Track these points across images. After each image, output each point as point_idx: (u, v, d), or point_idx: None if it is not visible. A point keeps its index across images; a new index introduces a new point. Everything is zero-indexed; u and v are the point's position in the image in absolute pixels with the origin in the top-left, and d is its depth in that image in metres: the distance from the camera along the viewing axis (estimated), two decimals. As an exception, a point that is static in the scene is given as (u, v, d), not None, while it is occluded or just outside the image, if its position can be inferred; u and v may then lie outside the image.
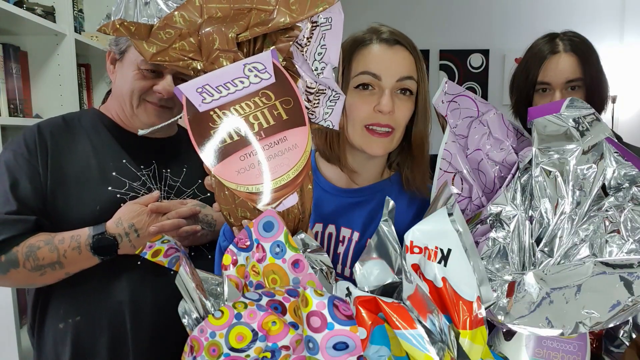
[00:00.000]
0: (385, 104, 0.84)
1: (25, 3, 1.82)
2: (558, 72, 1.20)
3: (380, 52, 0.87)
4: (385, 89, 0.86)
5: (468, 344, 0.63)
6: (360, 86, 0.87)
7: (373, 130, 0.87)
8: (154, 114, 1.11)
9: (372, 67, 0.86)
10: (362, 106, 0.86)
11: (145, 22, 0.67)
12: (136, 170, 1.13)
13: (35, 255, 1.00)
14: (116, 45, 1.12)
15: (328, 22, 0.71)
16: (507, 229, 0.74)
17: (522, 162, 0.79)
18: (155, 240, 0.72)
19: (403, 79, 0.87)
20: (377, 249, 0.73)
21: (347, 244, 0.94)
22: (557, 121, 0.75)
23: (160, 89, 1.09)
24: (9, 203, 1.03)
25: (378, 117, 0.86)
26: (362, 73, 0.86)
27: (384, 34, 0.88)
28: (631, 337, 0.84)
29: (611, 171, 0.71)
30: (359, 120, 0.87)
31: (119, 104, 1.15)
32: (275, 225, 0.70)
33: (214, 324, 0.61)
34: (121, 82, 1.12)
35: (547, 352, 0.73)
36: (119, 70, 1.13)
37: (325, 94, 0.74)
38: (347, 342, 0.61)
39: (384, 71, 0.86)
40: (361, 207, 0.96)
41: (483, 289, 0.68)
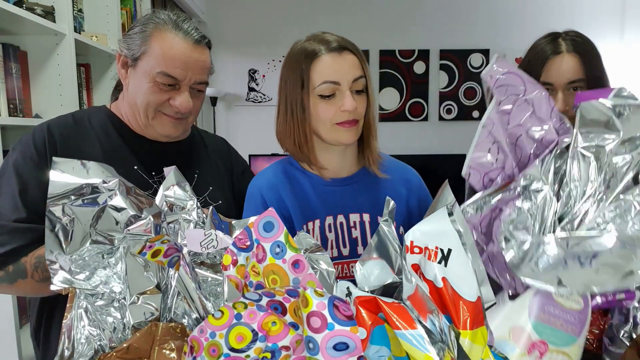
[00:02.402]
0: (349, 105, 0.99)
1: (25, 3, 1.82)
2: (561, 72, 1.20)
3: (333, 61, 0.99)
4: (345, 92, 0.99)
5: (468, 344, 0.63)
6: (324, 96, 1.00)
7: (342, 124, 1.01)
8: (170, 126, 1.09)
9: (330, 76, 0.99)
10: (329, 109, 1.00)
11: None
12: (148, 177, 1.11)
13: (44, 266, 0.97)
14: (128, 50, 1.08)
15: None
16: (533, 201, 0.74)
17: (561, 144, 0.79)
18: (156, 240, 0.72)
19: (357, 79, 1.00)
20: (377, 249, 0.73)
21: (361, 227, 1.04)
22: (601, 108, 0.76)
23: (177, 105, 1.06)
24: (17, 210, 0.99)
25: (344, 115, 1.00)
26: (323, 83, 0.99)
27: (332, 44, 1.00)
28: (631, 337, 0.84)
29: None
30: (328, 121, 1.00)
31: (132, 110, 1.11)
32: (276, 225, 0.70)
33: (214, 324, 0.61)
34: (135, 91, 1.08)
35: (548, 317, 0.75)
36: (132, 76, 1.09)
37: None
38: (347, 343, 0.61)
39: (341, 77, 0.99)
40: (361, 190, 1.07)
41: (483, 289, 0.68)
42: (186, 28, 1.08)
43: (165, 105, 1.07)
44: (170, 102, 1.06)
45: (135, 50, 1.07)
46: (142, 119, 1.09)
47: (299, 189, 1.06)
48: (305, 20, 4.26)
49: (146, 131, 1.12)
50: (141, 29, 1.07)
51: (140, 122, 1.10)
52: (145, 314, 0.71)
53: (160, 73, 1.04)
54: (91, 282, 0.73)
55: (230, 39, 4.26)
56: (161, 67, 1.04)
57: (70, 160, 0.76)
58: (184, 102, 1.06)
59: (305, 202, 1.05)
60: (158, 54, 1.04)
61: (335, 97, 1.00)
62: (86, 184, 0.74)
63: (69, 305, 0.72)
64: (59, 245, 0.72)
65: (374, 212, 1.06)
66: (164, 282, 0.73)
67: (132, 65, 1.08)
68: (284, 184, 1.05)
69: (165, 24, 1.07)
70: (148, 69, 1.05)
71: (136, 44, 1.06)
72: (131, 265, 0.73)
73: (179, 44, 1.05)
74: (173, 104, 1.06)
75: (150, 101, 1.06)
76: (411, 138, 4.46)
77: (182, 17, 1.11)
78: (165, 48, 1.04)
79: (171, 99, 1.06)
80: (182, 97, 1.06)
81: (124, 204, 0.75)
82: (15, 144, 1.09)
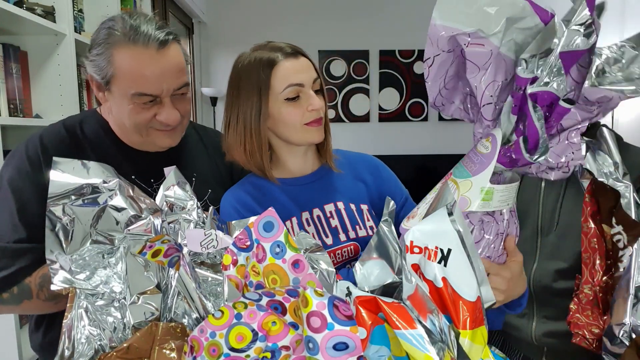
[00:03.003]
0: (317, 104, 1.02)
1: (25, 3, 1.82)
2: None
3: (294, 65, 1.02)
4: (308, 92, 1.03)
5: (468, 344, 0.63)
6: (290, 99, 1.02)
7: (310, 124, 1.04)
8: (165, 137, 1.06)
9: (294, 79, 1.02)
10: (296, 112, 1.03)
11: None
12: (146, 185, 1.09)
13: (49, 285, 0.92)
14: (97, 74, 1.01)
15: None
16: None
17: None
18: (156, 240, 0.72)
19: (315, 79, 1.05)
20: (377, 249, 0.73)
21: (338, 215, 1.08)
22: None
23: (163, 120, 1.02)
24: (17, 230, 0.96)
25: (313, 114, 1.03)
26: (288, 87, 1.01)
27: (286, 49, 1.04)
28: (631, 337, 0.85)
29: None
30: (298, 123, 1.03)
31: (122, 130, 1.07)
32: (276, 225, 0.70)
33: (214, 324, 0.61)
34: (119, 114, 1.04)
35: (466, 159, 0.82)
36: (111, 99, 1.03)
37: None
38: (347, 343, 0.61)
39: (303, 79, 1.02)
40: (327, 182, 1.12)
41: (483, 289, 0.68)
42: (145, 32, 0.98)
43: (153, 122, 1.03)
44: (157, 117, 1.02)
45: (103, 74, 1.00)
46: (137, 138, 1.06)
47: (269, 195, 1.08)
48: (305, 20, 4.27)
49: (146, 148, 1.09)
50: (100, 50, 1.00)
51: (135, 141, 1.07)
52: (145, 314, 0.71)
53: (136, 94, 0.99)
54: (91, 282, 0.73)
55: (230, 39, 4.26)
56: (134, 89, 0.99)
57: (71, 160, 0.76)
58: (169, 116, 1.02)
59: (277, 206, 1.05)
60: (126, 75, 0.98)
61: (300, 99, 1.03)
62: (86, 184, 0.74)
63: (69, 305, 0.72)
64: (59, 245, 0.72)
65: (345, 199, 1.10)
66: (164, 282, 0.73)
67: (107, 89, 1.02)
68: (252, 195, 1.06)
69: (123, 37, 0.98)
70: (123, 92, 0.99)
71: (102, 67, 1.00)
72: (131, 265, 0.73)
73: (143, 59, 0.98)
74: (160, 120, 1.02)
75: (137, 122, 1.02)
76: (411, 138, 4.46)
77: (137, 19, 1.01)
78: (131, 67, 0.98)
79: (157, 115, 1.02)
80: (166, 112, 1.02)
81: (124, 204, 0.75)
82: (8, 158, 1.05)
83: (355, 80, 4.40)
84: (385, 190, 1.15)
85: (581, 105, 0.73)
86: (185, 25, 4.07)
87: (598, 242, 1.01)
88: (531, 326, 1.28)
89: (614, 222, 0.99)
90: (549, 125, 0.72)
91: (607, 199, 1.01)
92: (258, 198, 1.06)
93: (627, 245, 0.96)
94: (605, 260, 1.01)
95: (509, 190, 0.80)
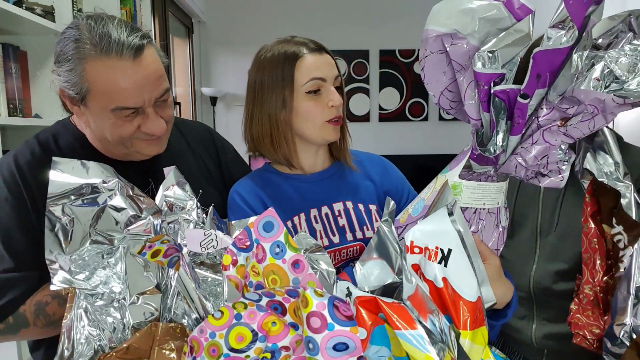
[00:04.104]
0: (338, 99, 1.04)
1: (24, 3, 1.81)
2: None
3: (317, 60, 1.04)
4: (330, 87, 1.04)
5: (468, 345, 0.63)
6: (311, 92, 1.03)
7: (330, 122, 1.05)
8: (152, 146, 1.00)
9: (317, 73, 1.03)
10: (318, 107, 1.04)
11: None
12: None
13: (45, 312, 0.92)
14: (69, 89, 0.93)
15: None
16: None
17: None
18: (155, 240, 0.72)
19: (337, 76, 1.06)
20: (378, 249, 0.73)
21: (346, 214, 1.09)
22: None
23: (149, 132, 0.96)
24: (4, 260, 0.92)
25: (332, 111, 1.04)
26: (311, 80, 1.02)
27: (310, 44, 1.05)
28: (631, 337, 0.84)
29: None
30: (319, 119, 1.04)
31: (103, 144, 1.01)
32: (275, 226, 0.70)
33: (214, 324, 0.61)
34: (100, 128, 0.96)
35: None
36: (88, 114, 0.95)
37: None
38: (347, 343, 0.60)
39: (325, 74, 1.04)
40: (337, 181, 1.12)
41: (483, 289, 0.68)
42: (117, 40, 0.90)
43: (138, 133, 0.96)
44: (142, 129, 0.96)
45: (77, 89, 0.92)
46: (122, 150, 1.00)
47: (279, 190, 1.08)
48: (305, 20, 4.26)
49: (133, 159, 1.03)
50: (70, 65, 0.92)
51: (119, 153, 1.01)
52: (145, 314, 0.71)
53: (117, 109, 0.92)
54: (91, 282, 0.73)
55: (230, 39, 4.26)
56: (114, 104, 0.91)
57: (70, 160, 0.76)
58: (155, 127, 0.96)
59: (287, 201, 1.07)
60: (103, 91, 0.91)
61: (321, 94, 1.04)
62: (86, 184, 0.74)
63: (69, 305, 0.72)
64: (58, 245, 0.72)
65: (355, 199, 1.11)
66: (164, 282, 0.73)
67: (83, 104, 0.94)
68: (263, 188, 1.07)
69: (93, 49, 0.90)
70: (102, 107, 0.92)
71: (75, 82, 0.92)
72: (131, 265, 0.73)
73: (119, 71, 0.90)
74: (145, 131, 0.96)
75: (121, 136, 0.95)
76: (411, 138, 4.46)
77: (105, 25, 0.92)
78: (108, 82, 0.90)
79: (141, 126, 0.95)
80: (150, 122, 0.95)
81: (123, 204, 0.75)
82: None
83: (356, 80, 4.40)
84: (392, 190, 1.16)
85: (556, 103, 0.73)
86: (185, 25, 4.07)
87: (598, 242, 1.01)
88: (531, 328, 1.27)
89: (614, 222, 0.99)
90: (516, 122, 0.73)
91: (608, 199, 1.00)
92: (267, 191, 1.07)
93: (628, 245, 0.96)
94: (606, 260, 1.01)
95: (484, 189, 0.79)
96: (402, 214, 0.87)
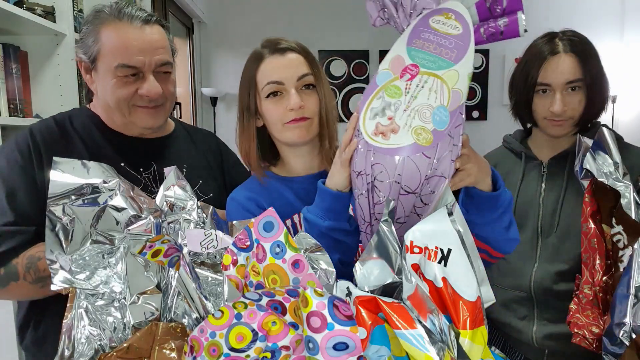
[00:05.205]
0: (294, 103, 1.00)
1: (25, 3, 1.82)
2: (558, 73, 1.20)
3: (276, 62, 1.02)
4: (289, 90, 1.01)
5: (468, 344, 0.63)
6: (270, 95, 1.02)
7: (289, 122, 1.02)
8: (148, 117, 1.08)
9: (274, 77, 1.01)
10: (276, 110, 1.02)
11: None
12: (136, 174, 1.10)
13: (36, 266, 0.96)
14: (85, 54, 1.06)
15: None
16: None
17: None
18: (156, 240, 0.72)
19: (301, 77, 1.02)
20: (377, 249, 0.73)
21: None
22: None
23: (145, 92, 1.04)
24: (5, 214, 0.98)
25: (292, 114, 1.01)
26: (268, 84, 1.01)
27: (274, 45, 1.04)
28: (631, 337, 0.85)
29: None
30: (278, 121, 1.02)
31: (107, 113, 1.10)
32: (276, 225, 0.70)
33: (214, 324, 0.61)
34: (104, 92, 1.07)
35: (423, 43, 0.73)
36: (97, 79, 1.08)
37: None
38: (347, 343, 0.61)
39: (284, 77, 1.01)
40: None
41: (483, 289, 0.68)
42: (130, 12, 1.05)
43: (135, 97, 1.05)
44: (139, 92, 1.04)
45: (90, 52, 1.05)
46: (120, 117, 1.08)
47: (276, 193, 1.08)
48: (305, 20, 4.26)
49: (129, 129, 1.11)
50: (88, 29, 1.06)
51: (118, 120, 1.09)
52: (145, 314, 0.72)
53: (119, 66, 1.02)
54: (91, 282, 0.73)
55: (230, 39, 4.26)
56: (118, 60, 1.02)
57: (71, 160, 0.76)
58: (151, 87, 1.04)
59: (284, 204, 1.07)
60: (111, 48, 1.03)
61: (283, 97, 1.02)
62: (86, 184, 0.74)
63: (69, 305, 0.72)
64: (59, 245, 0.72)
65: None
66: (164, 282, 0.73)
67: (93, 67, 1.06)
68: (259, 194, 1.06)
69: (109, 16, 1.05)
70: (107, 67, 1.03)
71: (89, 45, 1.05)
72: (131, 265, 0.73)
73: (127, 31, 1.04)
74: (142, 93, 1.04)
75: (119, 97, 1.04)
76: (411, 138, 4.45)
77: (126, 2, 1.08)
78: (116, 40, 1.03)
79: (139, 89, 1.04)
80: (148, 83, 1.04)
81: (124, 204, 0.75)
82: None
83: (355, 80, 4.40)
84: None
85: None
86: (185, 25, 4.07)
87: (598, 242, 1.01)
88: (532, 329, 1.28)
89: (614, 222, 0.99)
90: None
91: (607, 199, 1.01)
92: (264, 194, 1.07)
93: (627, 245, 0.96)
94: (605, 260, 1.01)
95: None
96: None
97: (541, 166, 1.31)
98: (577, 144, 1.09)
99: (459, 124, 0.75)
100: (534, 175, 1.31)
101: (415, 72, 0.73)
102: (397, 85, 0.75)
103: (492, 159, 1.43)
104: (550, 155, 1.30)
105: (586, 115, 1.22)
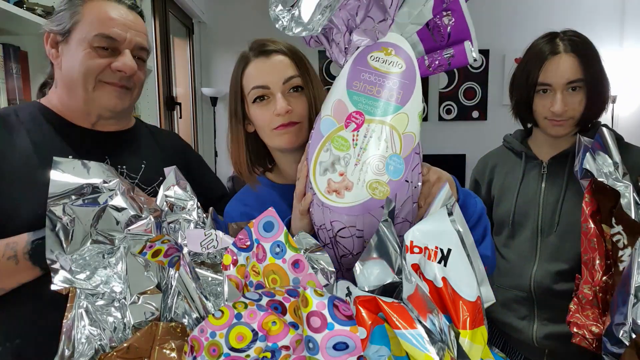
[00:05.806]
0: (280, 107, 0.95)
1: (25, 3, 1.82)
2: (559, 73, 1.20)
3: (260, 66, 0.98)
4: (276, 94, 0.96)
5: (468, 344, 0.63)
6: (256, 99, 0.98)
7: (277, 128, 0.97)
8: (114, 95, 1.02)
9: (258, 81, 0.97)
10: (263, 115, 0.98)
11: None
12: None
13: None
14: (57, 25, 1.01)
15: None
16: None
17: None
18: (156, 240, 0.72)
19: (288, 79, 0.97)
20: (377, 249, 0.73)
21: None
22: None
23: (120, 66, 1.00)
24: None
25: (279, 119, 0.96)
26: (253, 88, 0.97)
27: (259, 48, 1.00)
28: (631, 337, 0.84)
29: None
30: (266, 126, 0.98)
31: (67, 91, 1.03)
32: (276, 225, 0.70)
33: (214, 324, 0.61)
34: (70, 64, 1.01)
35: (364, 85, 0.67)
36: (65, 52, 1.02)
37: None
38: (347, 342, 0.61)
39: (269, 80, 0.97)
40: None
41: (483, 289, 0.68)
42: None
43: (106, 72, 1.00)
44: (112, 65, 1.00)
45: (65, 22, 1.01)
46: (82, 93, 1.01)
47: (270, 203, 1.04)
48: (305, 20, 4.26)
49: (89, 108, 1.04)
50: (70, 4, 1.03)
51: (79, 97, 1.02)
52: (145, 314, 0.72)
53: (98, 35, 0.99)
54: (92, 282, 0.73)
55: (231, 39, 4.26)
56: (97, 30, 0.99)
57: (71, 160, 0.76)
58: (127, 62, 1.00)
59: (278, 213, 1.05)
60: (93, 19, 1.00)
61: (269, 101, 0.97)
62: (87, 183, 0.74)
63: (70, 305, 0.72)
64: (59, 245, 0.72)
65: None
66: (165, 282, 0.73)
67: (64, 40, 1.01)
68: (252, 207, 1.03)
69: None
70: (83, 36, 0.99)
71: (66, 18, 1.01)
72: (131, 265, 0.73)
73: (113, 7, 1.02)
74: (115, 67, 1.00)
75: (89, 68, 0.99)
76: (411, 138, 4.46)
77: None
78: (99, 12, 1.01)
79: (112, 63, 1.00)
80: (125, 57, 1.00)
81: (124, 204, 0.75)
82: None
83: (355, 81, 4.40)
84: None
85: None
86: (185, 25, 4.07)
87: (598, 242, 1.01)
88: (532, 328, 1.28)
89: (613, 222, 0.99)
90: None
91: (607, 199, 1.01)
92: (258, 209, 1.04)
93: (627, 245, 0.96)
94: (605, 260, 1.01)
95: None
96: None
97: (541, 166, 1.31)
98: (577, 144, 1.09)
99: (416, 164, 0.71)
100: (534, 175, 1.31)
101: (360, 121, 0.68)
102: (343, 136, 0.70)
103: (492, 158, 1.43)
104: (550, 155, 1.30)
105: (586, 115, 1.22)
